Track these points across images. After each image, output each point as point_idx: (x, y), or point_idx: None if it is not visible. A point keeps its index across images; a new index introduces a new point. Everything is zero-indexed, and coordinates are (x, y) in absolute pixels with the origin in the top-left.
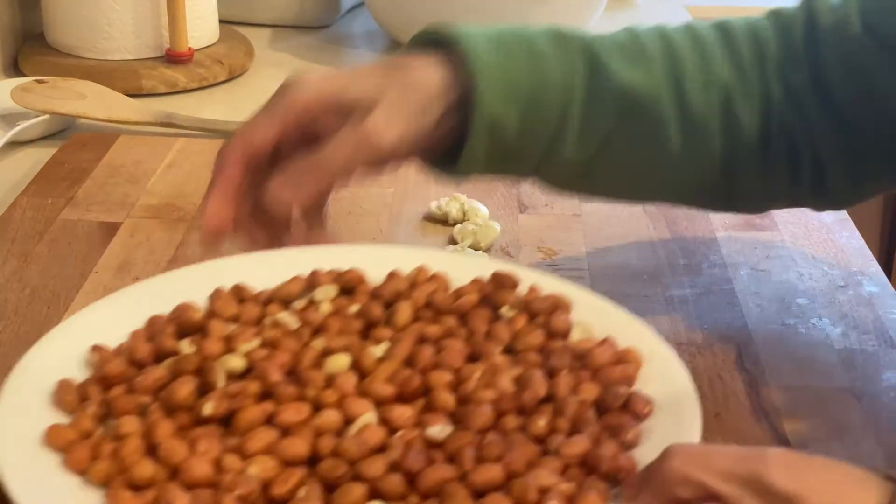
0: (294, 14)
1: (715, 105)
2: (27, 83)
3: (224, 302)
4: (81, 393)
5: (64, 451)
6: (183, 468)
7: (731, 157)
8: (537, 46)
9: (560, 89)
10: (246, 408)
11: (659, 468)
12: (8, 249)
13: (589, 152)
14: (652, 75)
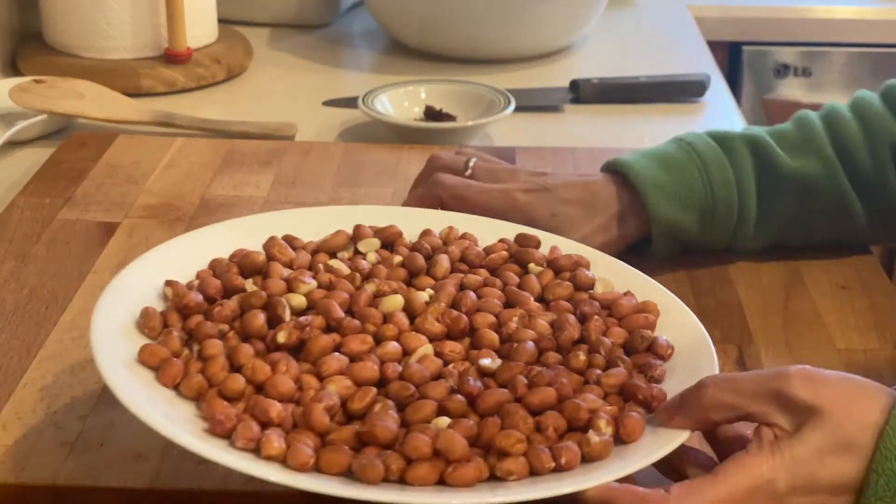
0: (293, 13)
1: (886, 161)
2: (25, 83)
3: (280, 248)
4: (164, 320)
5: (156, 368)
6: (269, 384)
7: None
8: (702, 152)
9: (734, 190)
10: (317, 337)
11: (693, 395)
12: (6, 249)
13: (772, 232)
14: (820, 156)
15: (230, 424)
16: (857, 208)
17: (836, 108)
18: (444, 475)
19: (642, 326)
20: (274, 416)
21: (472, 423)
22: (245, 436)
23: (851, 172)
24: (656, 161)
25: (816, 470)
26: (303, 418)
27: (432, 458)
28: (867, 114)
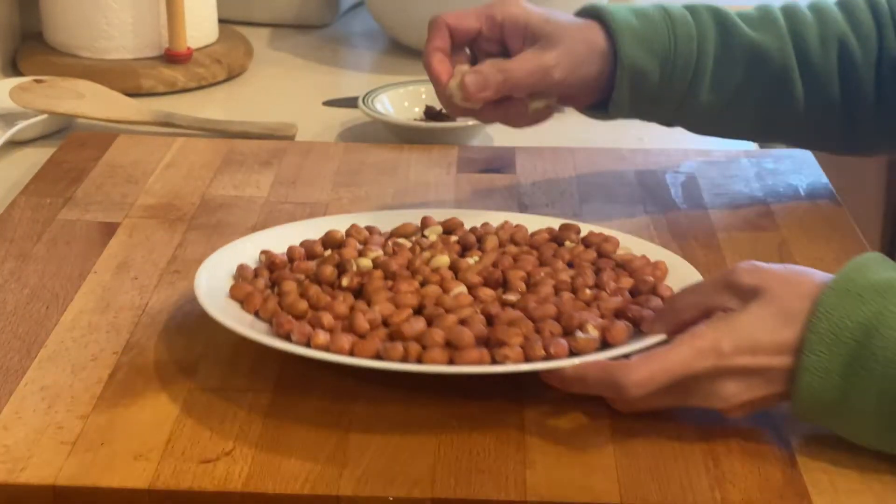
0: (293, 13)
1: (833, 57)
2: (26, 83)
3: (356, 229)
4: (255, 272)
5: (242, 300)
6: (326, 307)
7: (849, 102)
8: (669, 11)
9: (694, 45)
10: (373, 280)
11: (667, 303)
12: (6, 249)
13: (721, 101)
14: (776, 35)
15: (289, 326)
16: (799, 92)
17: (795, 3)
18: (452, 358)
19: (649, 275)
20: (325, 323)
21: (482, 325)
22: (300, 331)
23: (801, 55)
24: (631, 12)
25: (758, 333)
26: (347, 323)
27: (444, 347)
28: (822, 10)
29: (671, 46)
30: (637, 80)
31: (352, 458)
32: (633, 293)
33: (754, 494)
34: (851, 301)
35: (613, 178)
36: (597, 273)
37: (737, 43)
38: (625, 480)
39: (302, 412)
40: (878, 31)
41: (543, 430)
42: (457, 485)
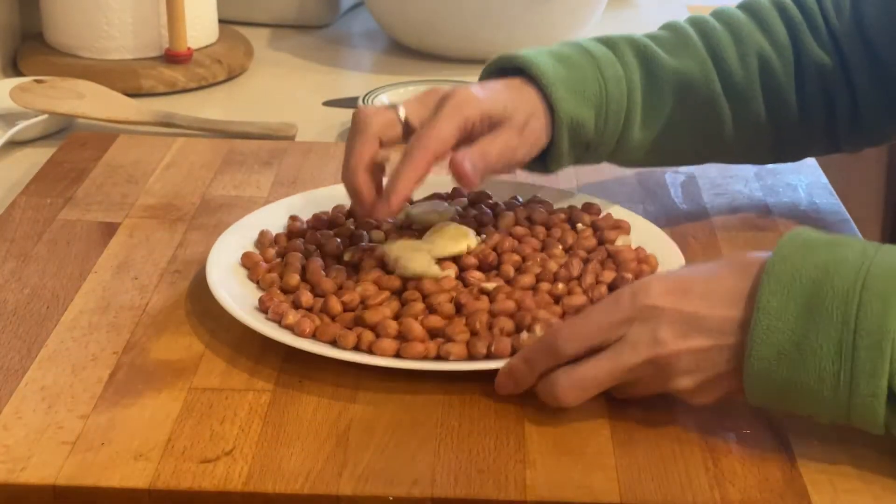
0: (293, 14)
1: (754, 72)
2: (26, 83)
3: None
4: (274, 239)
5: (249, 268)
6: (315, 282)
7: (774, 114)
8: (591, 52)
9: (623, 85)
10: (371, 257)
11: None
12: (7, 249)
13: (654, 132)
14: (696, 59)
15: (268, 303)
16: (727, 115)
17: (703, 17)
18: (399, 350)
19: (633, 271)
20: (304, 302)
21: (437, 319)
22: (274, 311)
23: (723, 78)
24: (554, 59)
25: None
26: (323, 305)
27: (396, 338)
28: (734, 22)
29: (602, 91)
30: (574, 131)
31: (352, 458)
32: (612, 287)
33: (754, 494)
34: (807, 249)
35: (613, 178)
36: (585, 263)
37: (661, 74)
38: (625, 480)
39: (302, 412)
40: (792, 36)
41: (543, 430)
42: (457, 485)
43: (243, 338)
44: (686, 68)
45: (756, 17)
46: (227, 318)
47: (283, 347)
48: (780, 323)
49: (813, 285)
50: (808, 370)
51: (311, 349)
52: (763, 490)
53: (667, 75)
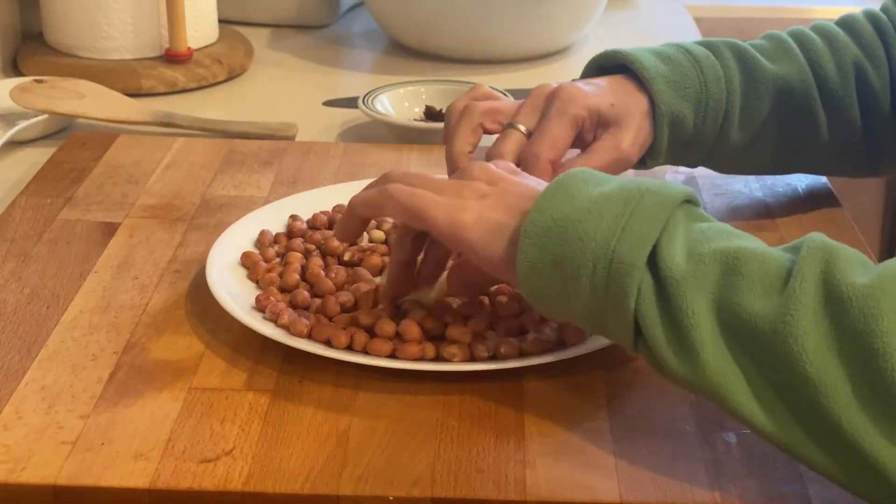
0: (293, 14)
1: (850, 80)
2: (26, 83)
3: None
4: (274, 238)
5: (249, 267)
6: (314, 282)
7: (869, 125)
8: (692, 51)
9: (723, 84)
10: (370, 257)
11: None
12: (7, 249)
13: (751, 135)
14: (794, 65)
15: (265, 302)
16: (822, 121)
17: (801, 29)
18: (395, 350)
19: None
20: (300, 301)
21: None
22: (271, 310)
23: (820, 84)
24: (656, 56)
25: None
26: (320, 305)
27: (393, 339)
28: (830, 35)
29: (702, 88)
30: (674, 126)
31: (352, 458)
32: None
33: (754, 494)
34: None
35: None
36: None
37: (760, 77)
38: (625, 480)
39: (302, 412)
40: (886, 48)
41: (543, 430)
42: (457, 485)
43: (243, 338)
44: (785, 73)
45: (851, 30)
46: (227, 318)
47: (282, 347)
48: (577, 184)
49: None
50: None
51: (311, 349)
52: (763, 490)
53: (766, 79)
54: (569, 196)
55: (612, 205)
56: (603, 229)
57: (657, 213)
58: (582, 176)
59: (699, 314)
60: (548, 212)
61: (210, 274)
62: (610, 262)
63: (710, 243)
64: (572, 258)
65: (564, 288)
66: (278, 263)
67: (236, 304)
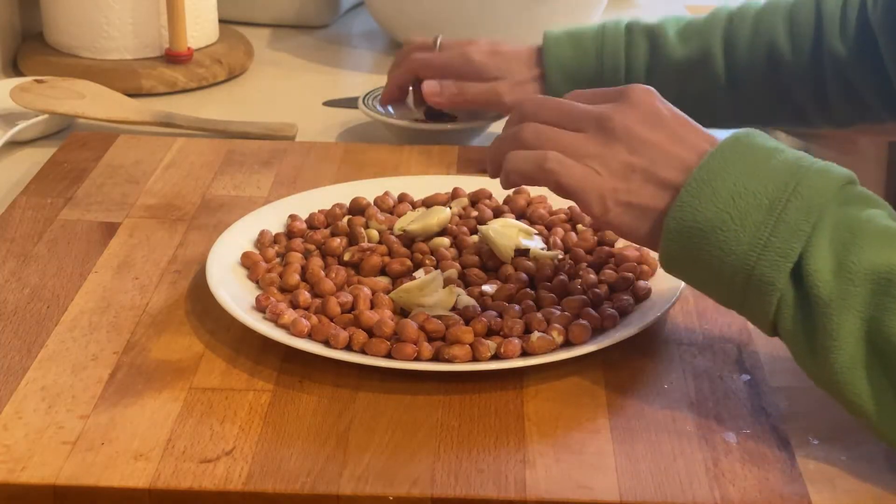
0: (293, 14)
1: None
2: (26, 83)
3: (383, 198)
4: (274, 238)
5: (249, 267)
6: (315, 282)
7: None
8: (606, 36)
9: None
10: (369, 258)
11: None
12: (7, 249)
13: None
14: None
15: (265, 302)
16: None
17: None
18: (391, 350)
19: (636, 272)
20: (301, 302)
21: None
22: (271, 310)
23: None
24: (568, 42)
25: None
26: (320, 305)
27: (391, 339)
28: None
29: (596, 77)
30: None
31: (352, 457)
32: (613, 288)
33: (754, 494)
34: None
35: None
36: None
37: (667, 62)
38: (625, 480)
39: (302, 412)
40: (817, 31)
41: (543, 430)
42: (457, 484)
43: (243, 338)
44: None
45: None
46: (227, 318)
47: (282, 347)
48: (724, 171)
49: (767, 153)
50: (735, 213)
51: (310, 349)
52: (763, 490)
53: (671, 63)
54: (713, 190)
55: (756, 210)
56: (744, 242)
57: (803, 222)
58: (731, 155)
59: (844, 337)
60: (690, 210)
61: (210, 274)
62: (749, 277)
63: (862, 254)
64: (711, 264)
65: (702, 280)
66: (278, 263)
67: (236, 304)
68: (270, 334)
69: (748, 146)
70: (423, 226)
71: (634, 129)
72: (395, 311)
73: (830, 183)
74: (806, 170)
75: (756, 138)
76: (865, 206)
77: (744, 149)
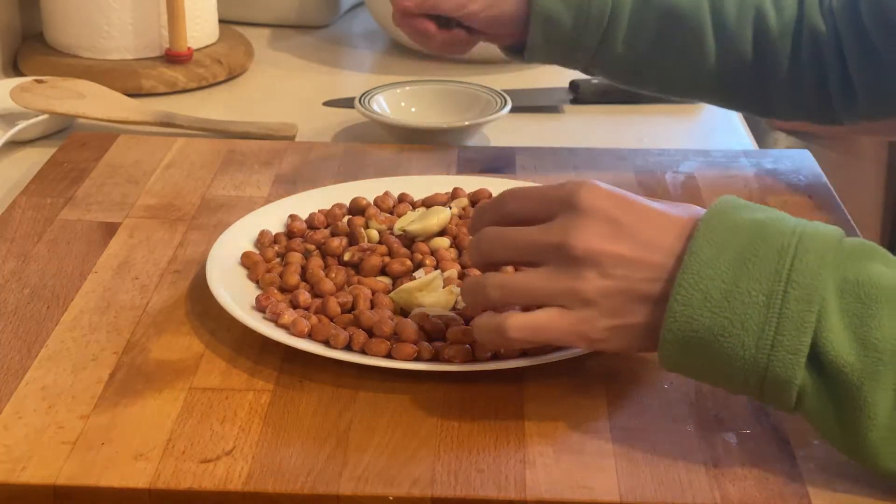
0: (294, 14)
1: (748, 23)
2: (26, 83)
3: (384, 198)
4: (274, 238)
5: (249, 267)
6: (315, 282)
7: (762, 62)
8: None
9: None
10: (369, 257)
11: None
12: (7, 249)
13: (637, 54)
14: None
15: (265, 302)
16: (712, 49)
17: None
18: (391, 350)
19: None
20: (301, 302)
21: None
22: (271, 310)
23: (716, 17)
24: None
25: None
26: (320, 305)
27: (391, 339)
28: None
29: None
30: (550, 26)
31: (352, 457)
32: None
33: (754, 494)
34: (743, 208)
35: (613, 178)
36: None
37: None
38: (625, 480)
39: (302, 412)
40: (800, 3)
41: (543, 430)
42: (457, 484)
43: (243, 338)
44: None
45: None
46: (227, 318)
47: (283, 347)
48: (710, 270)
49: (748, 237)
50: (733, 317)
51: (310, 349)
52: (763, 490)
53: (659, 3)
54: (704, 295)
55: (754, 310)
56: (750, 346)
57: (806, 312)
58: (710, 252)
59: (881, 414)
60: (684, 320)
61: (210, 274)
62: (762, 378)
63: (880, 326)
64: (718, 369)
65: (714, 382)
66: (278, 263)
67: (236, 304)
68: (270, 334)
69: (725, 230)
70: (423, 226)
71: (598, 249)
72: (395, 311)
73: (823, 255)
74: (794, 249)
75: (729, 216)
76: (865, 261)
77: (721, 236)
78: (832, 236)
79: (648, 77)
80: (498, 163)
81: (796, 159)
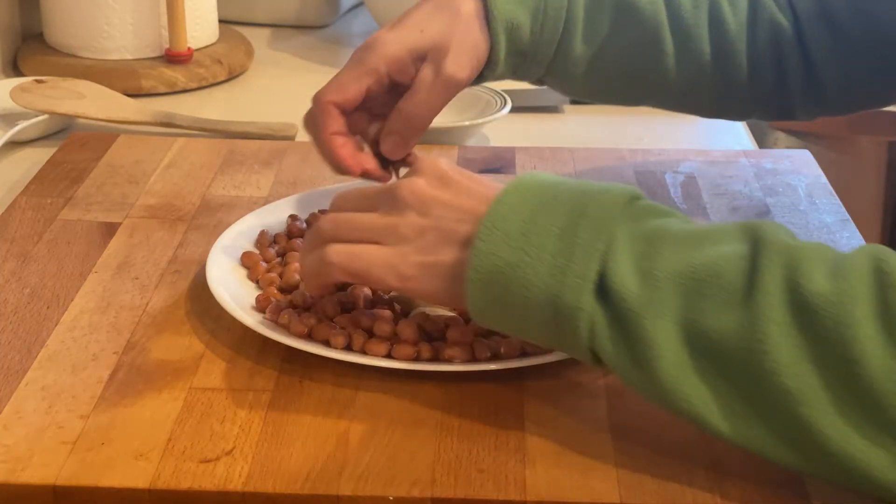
0: (294, 14)
1: (704, 15)
2: (26, 83)
3: None
4: (274, 238)
5: (249, 267)
6: None
7: (720, 61)
8: None
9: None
10: None
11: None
12: (7, 249)
13: (592, 50)
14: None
15: (266, 303)
16: (669, 47)
17: None
18: (390, 350)
19: None
20: (301, 302)
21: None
22: (271, 310)
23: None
24: None
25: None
26: (320, 305)
27: (390, 339)
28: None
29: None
30: (511, 33)
31: (352, 458)
32: None
33: (754, 494)
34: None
35: (613, 177)
36: None
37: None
38: (625, 480)
39: (302, 412)
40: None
41: (543, 430)
42: (457, 485)
43: (243, 338)
44: None
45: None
46: (227, 318)
47: (282, 347)
48: (512, 213)
49: (554, 190)
50: (529, 248)
51: (310, 349)
52: (763, 490)
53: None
54: (504, 233)
55: (548, 240)
56: (543, 274)
57: (596, 241)
58: (516, 198)
59: (662, 343)
60: (486, 255)
61: (210, 274)
62: (555, 307)
63: (662, 259)
64: (518, 305)
65: (517, 325)
66: (278, 263)
67: (236, 304)
68: (270, 334)
69: (532, 185)
70: None
71: (422, 192)
72: (395, 311)
73: (616, 199)
74: (591, 193)
75: (539, 177)
76: (656, 216)
77: (528, 188)
78: (629, 193)
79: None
80: (498, 162)
81: (796, 159)
